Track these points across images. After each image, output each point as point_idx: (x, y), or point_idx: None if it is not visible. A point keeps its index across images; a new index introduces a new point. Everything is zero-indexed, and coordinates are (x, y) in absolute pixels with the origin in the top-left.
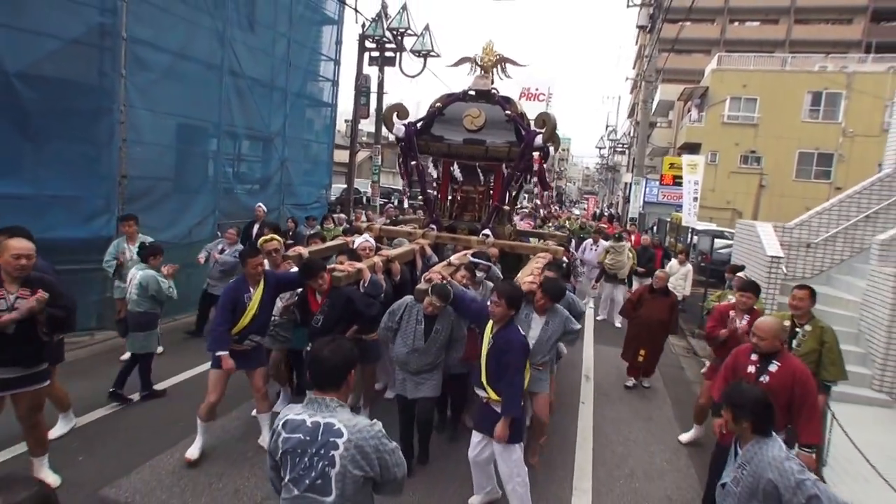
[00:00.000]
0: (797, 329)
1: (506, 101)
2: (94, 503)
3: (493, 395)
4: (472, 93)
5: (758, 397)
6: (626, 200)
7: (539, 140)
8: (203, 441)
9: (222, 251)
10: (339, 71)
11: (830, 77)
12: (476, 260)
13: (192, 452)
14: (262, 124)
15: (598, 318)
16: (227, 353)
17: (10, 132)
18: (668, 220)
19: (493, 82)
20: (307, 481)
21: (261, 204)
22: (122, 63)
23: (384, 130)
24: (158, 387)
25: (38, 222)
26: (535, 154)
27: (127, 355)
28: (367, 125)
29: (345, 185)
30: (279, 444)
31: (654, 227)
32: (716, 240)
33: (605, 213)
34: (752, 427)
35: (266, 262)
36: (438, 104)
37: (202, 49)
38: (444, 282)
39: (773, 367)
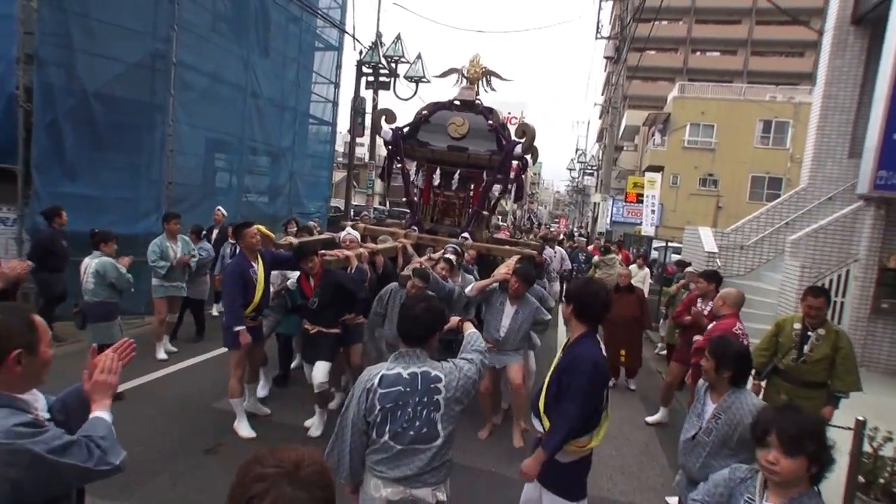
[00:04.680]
0: (809, 333)
1: (489, 112)
2: (209, 411)
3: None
4: (457, 103)
5: (741, 350)
6: (595, 221)
7: (519, 150)
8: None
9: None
10: (338, 93)
11: (779, 107)
12: (451, 245)
13: (247, 432)
14: (275, 140)
15: None
16: (244, 328)
17: (85, 142)
18: (633, 233)
19: (477, 94)
20: (412, 433)
21: (220, 207)
22: (172, 84)
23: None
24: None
25: (103, 219)
26: (514, 163)
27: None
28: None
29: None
30: (376, 402)
31: (620, 242)
32: (673, 255)
33: (576, 234)
34: (732, 377)
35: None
36: (425, 112)
37: (231, 73)
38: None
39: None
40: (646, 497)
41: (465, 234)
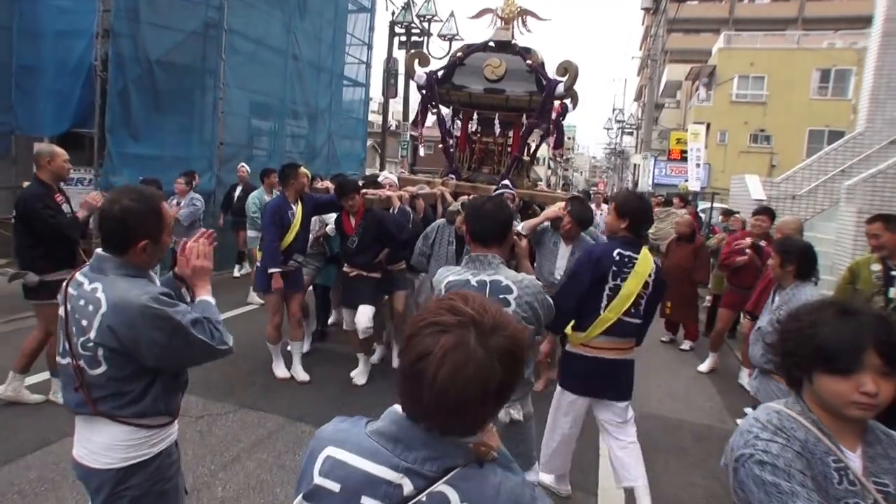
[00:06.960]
0: (893, 272)
1: (526, 52)
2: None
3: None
4: (492, 44)
5: (804, 246)
6: (636, 184)
7: (561, 88)
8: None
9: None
10: (371, 55)
11: (839, 54)
12: (503, 189)
13: (282, 372)
14: (314, 102)
15: None
16: (279, 270)
17: (148, 106)
18: (678, 192)
19: (513, 36)
20: None
21: (244, 164)
22: (223, 49)
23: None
24: None
25: (163, 177)
26: (556, 103)
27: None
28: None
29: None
30: None
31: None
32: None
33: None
34: (796, 271)
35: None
36: (459, 53)
37: (274, 37)
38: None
39: None
40: (695, 416)
41: (506, 182)
